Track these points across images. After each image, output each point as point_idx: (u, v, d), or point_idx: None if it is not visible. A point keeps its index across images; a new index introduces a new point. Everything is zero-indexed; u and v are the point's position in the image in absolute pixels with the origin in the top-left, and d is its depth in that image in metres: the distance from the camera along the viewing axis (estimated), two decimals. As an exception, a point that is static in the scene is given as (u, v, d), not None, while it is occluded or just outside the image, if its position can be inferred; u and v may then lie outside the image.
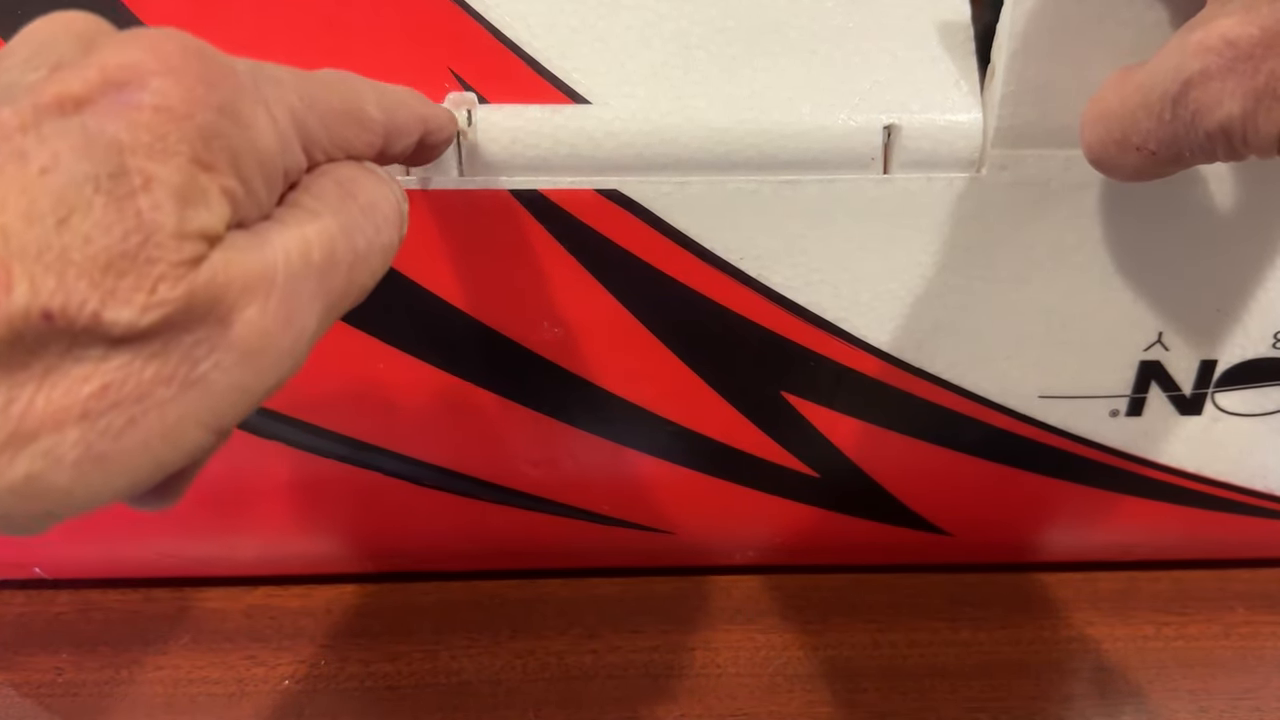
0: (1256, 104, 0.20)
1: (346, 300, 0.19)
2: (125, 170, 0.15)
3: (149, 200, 0.15)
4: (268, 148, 0.17)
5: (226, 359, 0.16)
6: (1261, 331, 0.31)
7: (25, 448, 0.14)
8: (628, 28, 0.29)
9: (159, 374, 0.15)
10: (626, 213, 0.29)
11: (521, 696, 0.33)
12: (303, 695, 0.34)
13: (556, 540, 0.35)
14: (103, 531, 0.35)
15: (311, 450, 0.32)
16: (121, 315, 0.14)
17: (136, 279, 0.15)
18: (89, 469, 0.15)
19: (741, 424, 0.32)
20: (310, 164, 0.19)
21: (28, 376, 0.14)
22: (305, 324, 0.17)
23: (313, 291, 0.18)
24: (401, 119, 0.22)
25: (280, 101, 0.18)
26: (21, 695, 0.33)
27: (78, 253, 0.14)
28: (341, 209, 0.19)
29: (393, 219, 0.20)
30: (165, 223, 0.15)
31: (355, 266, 0.19)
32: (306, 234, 0.18)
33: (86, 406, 0.15)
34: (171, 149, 0.15)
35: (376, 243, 0.20)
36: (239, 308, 0.16)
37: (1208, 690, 0.34)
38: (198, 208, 0.15)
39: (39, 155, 0.14)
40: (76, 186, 0.14)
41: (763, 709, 0.33)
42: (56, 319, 0.14)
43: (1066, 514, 0.35)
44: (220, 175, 0.16)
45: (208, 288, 0.15)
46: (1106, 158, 0.24)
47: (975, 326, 0.31)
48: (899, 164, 0.28)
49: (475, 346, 0.31)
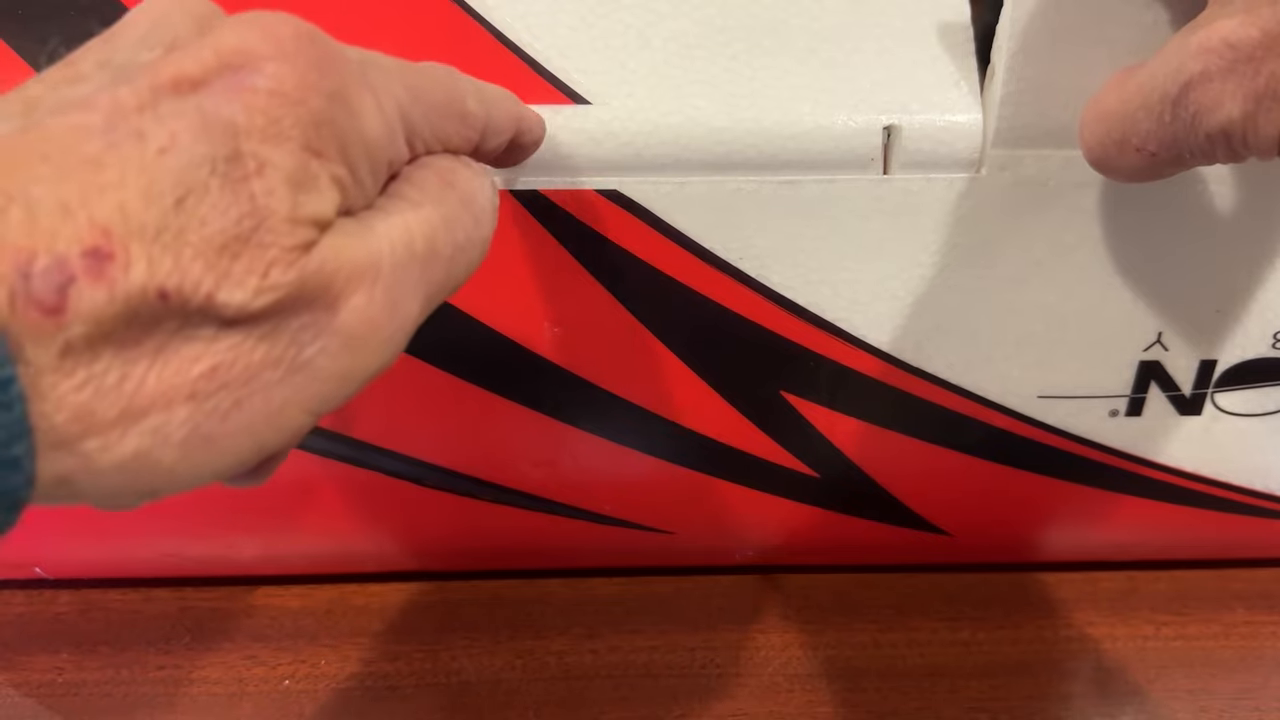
0: (1257, 106, 0.20)
1: (445, 291, 0.19)
2: (240, 154, 0.15)
3: (263, 185, 0.15)
4: (375, 136, 0.17)
5: (332, 344, 0.16)
6: (1261, 331, 0.31)
7: (135, 425, 0.14)
8: (627, 28, 0.29)
9: (267, 357, 0.15)
10: (626, 213, 0.29)
11: (521, 696, 0.33)
12: (303, 695, 0.34)
13: (556, 540, 0.35)
14: (103, 531, 0.35)
15: (311, 450, 0.32)
16: (234, 297, 0.15)
17: (250, 262, 0.15)
18: (195, 448, 0.15)
19: (741, 424, 0.32)
20: (411, 155, 0.19)
21: (140, 354, 0.14)
22: (408, 312, 0.18)
23: (415, 281, 0.18)
24: (498, 117, 0.22)
25: (387, 91, 0.18)
26: (21, 695, 0.34)
27: (194, 234, 0.14)
28: (442, 200, 0.19)
29: (489, 212, 0.20)
30: (279, 208, 0.15)
31: (455, 258, 0.19)
32: (409, 224, 0.18)
33: (196, 386, 0.15)
34: (285, 134, 0.15)
35: (476, 235, 0.20)
36: (346, 294, 0.16)
37: (1208, 690, 0.34)
38: (309, 193, 0.16)
39: (157, 135, 0.14)
40: (194, 168, 0.14)
41: (763, 709, 0.33)
42: (171, 298, 0.14)
43: (1066, 514, 0.35)
44: (330, 162, 0.16)
45: (318, 274, 0.16)
46: (1106, 158, 0.24)
47: (975, 326, 0.31)
48: (899, 164, 0.28)
49: (476, 346, 0.31)
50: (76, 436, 0.14)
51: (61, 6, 0.28)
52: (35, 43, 0.28)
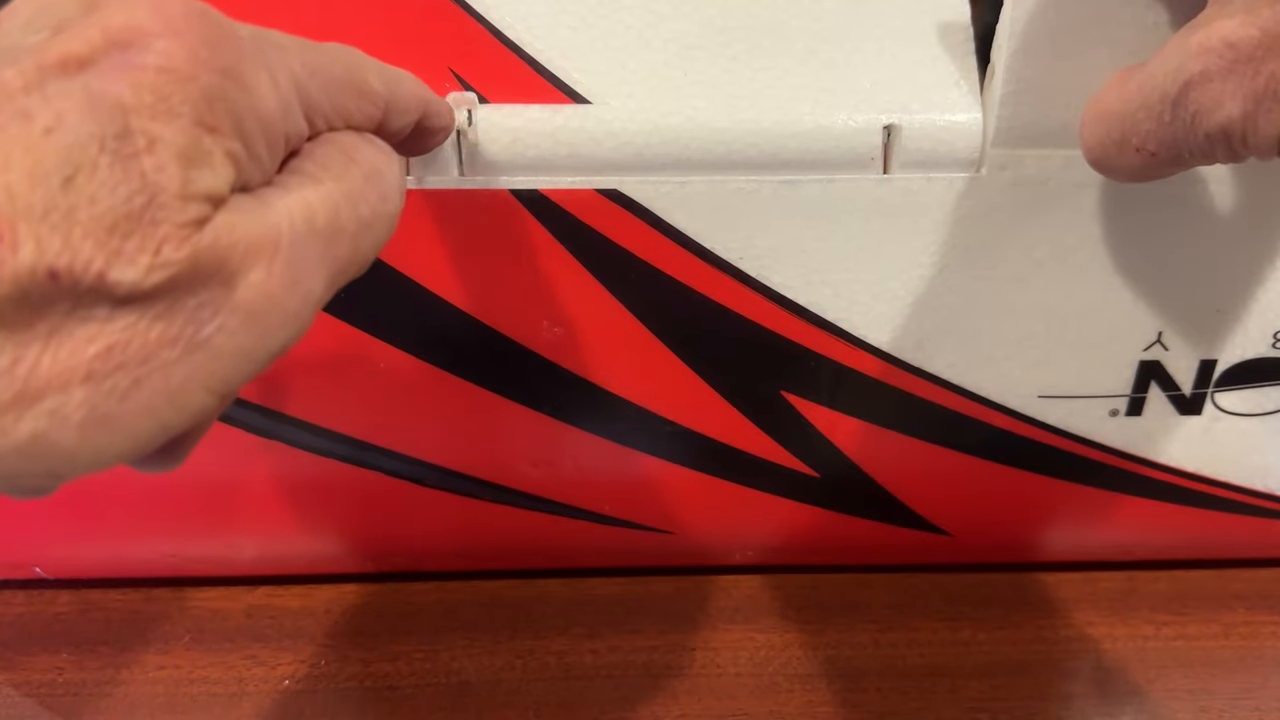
0: (1257, 106, 0.20)
1: (351, 268, 0.19)
2: (129, 131, 0.15)
3: (153, 161, 0.15)
4: (269, 111, 0.17)
5: (231, 322, 0.16)
6: (1261, 331, 0.31)
7: (31, 408, 0.14)
8: (628, 28, 0.29)
9: (163, 335, 0.15)
10: (626, 212, 0.29)
11: (521, 696, 0.33)
12: (303, 695, 0.34)
13: (556, 540, 0.35)
14: (103, 531, 0.35)
15: (311, 450, 0.32)
16: (126, 275, 0.15)
17: (141, 239, 0.15)
18: (94, 430, 0.15)
19: (741, 424, 0.32)
20: (312, 132, 0.19)
21: (33, 336, 0.14)
22: (310, 289, 0.17)
23: (317, 256, 0.18)
24: (403, 95, 0.22)
25: (283, 66, 0.18)
26: (21, 695, 0.33)
27: (83, 212, 0.14)
28: (344, 175, 0.19)
29: (396, 189, 0.20)
30: (169, 184, 0.15)
31: (359, 234, 0.19)
32: (309, 198, 0.18)
33: (91, 367, 0.15)
34: (175, 110, 0.15)
35: (382, 211, 0.19)
36: (243, 270, 0.16)
37: (1208, 690, 0.34)
38: (201, 169, 0.15)
39: (43, 115, 0.14)
40: (81, 146, 0.14)
41: (763, 709, 0.33)
42: (62, 278, 0.14)
43: (1066, 514, 0.35)
44: (223, 137, 0.16)
45: (212, 249, 0.15)
46: (1106, 158, 0.24)
47: (975, 326, 0.31)
48: (899, 164, 0.28)
49: (476, 346, 0.31)
50: None
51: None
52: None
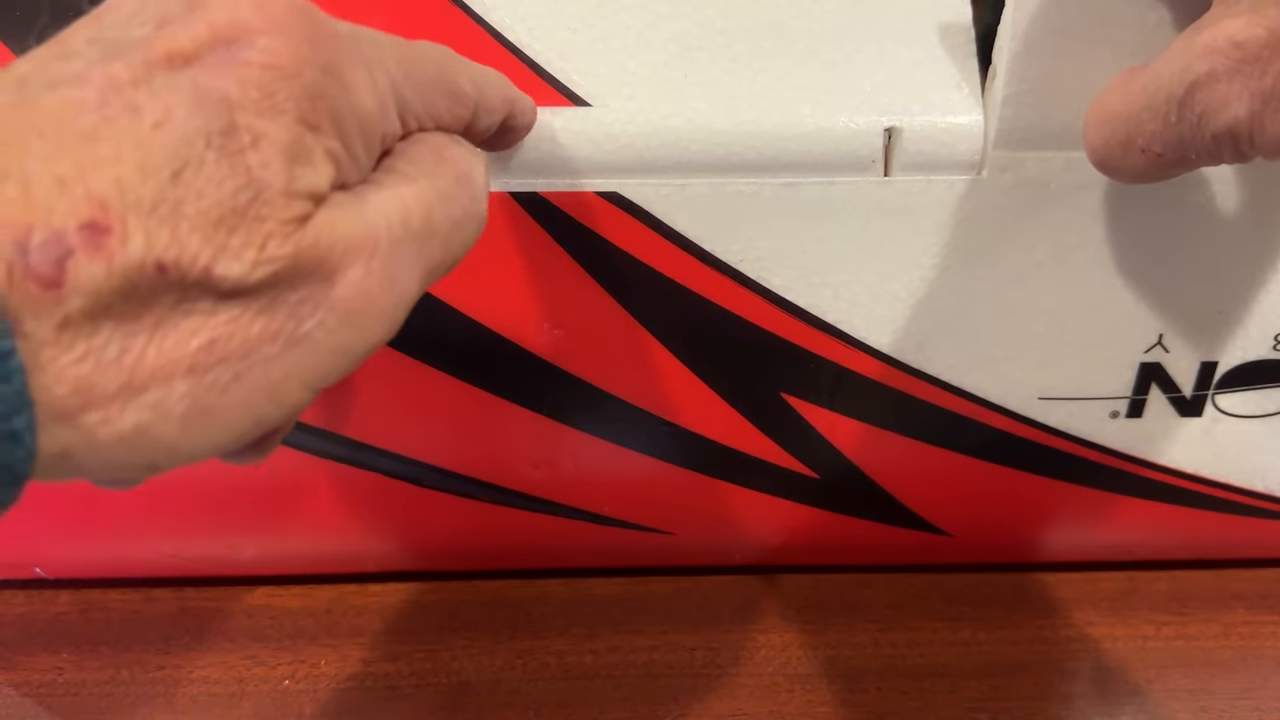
0: (1264, 106, 0.20)
1: (443, 267, 0.19)
2: (235, 126, 0.15)
3: (258, 157, 0.15)
4: (368, 110, 0.17)
5: (330, 318, 0.16)
6: (1262, 333, 0.31)
7: (135, 398, 0.14)
8: (628, 29, 0.28)
9: (265, 330, 0.15)
10: (626, 215, 0.29)
11: (521, 696, 0.33)
12: (303, 695, 0.34)
13: (556, 540, 0.35)
14: (103, 531, 0.35)
15: (312, 451, 0.32)
16: (232, 270, 0.15)
17: (247, 235, 0.15)
18: (194, 422, 0.15)
19: (741, 425, 0.32)
20: (404, 131, 0.19)
21: (139, 328, 0.14)
22: (405, 288, 0.18)
23: (413, 256, 0.18)
24: (490, 96, 0.22)
25: (380, 65, 0.18)
26: (21, 695, 0.34)
27: (190, 207, 0.14)
28: (437, 175, 0.19)
29: (484, 188, 0.20)
30: (274, 180, 0.15)
31: (451, 235, 0.19)
32: (405, 198, 0.18)
33: (195, 360, 0.15)
34: (279, 107, 0.15)
35: (473, 211, 0.20)
36: (343, 268, 0.16)
37: (1208, 690, 0.34)
38: (304, 166, 0.16)
39: (152, 109, 0.14)
40: (189, 141, 0.14)
41: (763, 709, 0.33)
42: (169, 271, 0.14)
43: (1066, 515, 0.35)
44: (324, 135, 0.16)
45: (314, 247, 0.16)
46: (1111, 160, 0.24)
47: (975, 328, 0.31)
48: (900, 166, 0.28)
49: (476, 348, 0.31)
50: (77, 410, 0.14)
51: (61, 7, 0.28)
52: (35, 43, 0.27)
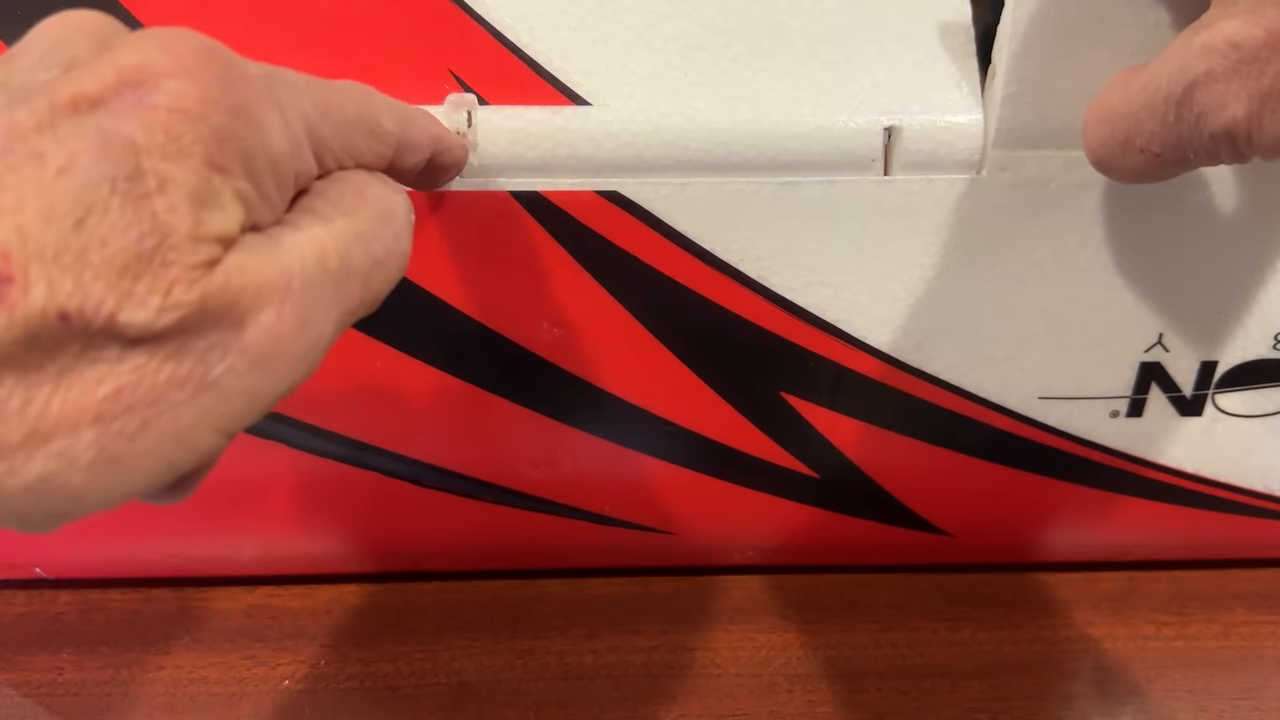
0: (1262, 106, 0.20)
1: (362, 308, 0.19)
2: (141, 171, 0.15)
3: (164, 202, 0.15)
4: (279, 150, 0.17)
5: (240, 363, 0.16)
6: (1262, 333, 0.31)
7: (41, 448, 0.14)
8: (628, 29, 0.29)
9: (173, 377, 0.15)
10: (626, 214, 0.29)
11: (521, 696, 0.33)
12: (303, 695, 0.34)
13: (556, 540, 0.35)
14: (103, 531, 0.35)
15: (311, 451, 0.32)
16: (137, 317, 0.15)
17: (152, 281, 0.15)
18: (102, 470, 0.15)
19: (741, 425, 0.32)
20: (321, 170, 0.19)
21: (44, 378, 0.14)
22: (320, 331, 0.17)
23: (329, 297, 0.18)
24: (414, 134, 0.22)
25: (293, 105, 0.18)
26: (21, 695, 0.34)
27: (95, 254, 0.14)
28: (356, 214, 0.19)
29: (406, 227, 0.20)
30: (180, 225, 0.15)
31: (371, 274, 0.19)
32: (321, 237, 0.18)
33: (101, 409, 0.15)
34: (186, 150, 0.15)
35: (394, 250, 0.19)
36: (254, 312, 0.16)
37: (1208, 690, 0.34)
38: (212, 210, 0.15)
39: (56, 156, 0.14)
40: (94, 187, 0.14)
41: (763, 709, 0.33)
42: (73, 320, 0.14)
43: (1067, 515, 0.35)
44: (233, 178, 0.16)
45: (222, 291, 0.15)
46: (1110, 159, 0.24)
47: (975, 327, 0.31)
48: (899, 165, 0.28)
49: (476, 348, 0.31)
50: None
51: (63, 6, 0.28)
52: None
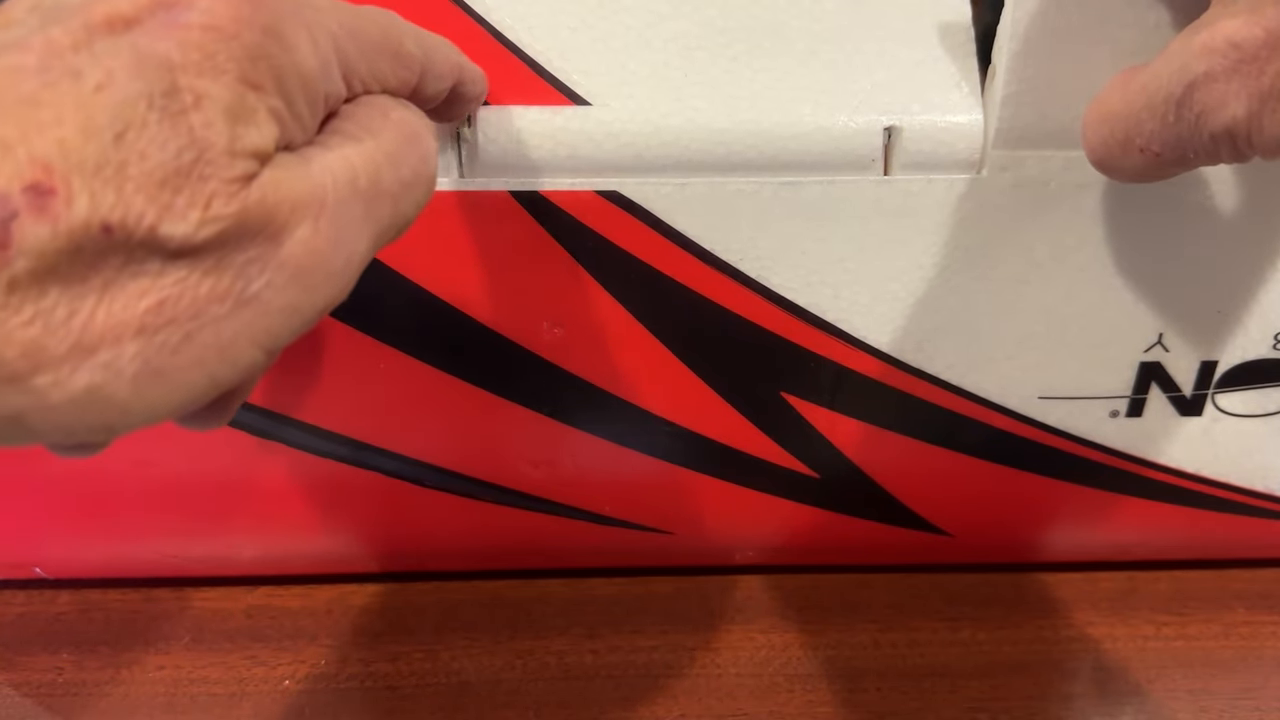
0: (1262, 106, 0.20)
1: (393, 228, 0.19)
2: (177, 88, 0.15)
3: (201, 118, 0.15)
4: (310, 70, 0.17)
5: (279, 277, 0.16)
6: (1262, 332, 0.31)
7: (86, 360, 0.15)
8: (628, 29, 0.29)
9: (214, 290, 0.16)
10: (627, 214, 0.29)
11: (521, 696, 0.33)
12: (303, 695, 0.34)
13: (556, 540, 0.35)
14: (103, 531, 0.35)
15: (312, 450, 0.32)
16: (177, 229, 0.15)
17: (191, 194, 0.15)
18: (146, 383, 0.15)
19: (741, 425, 0.32)
20: (349, 94, 0.19)
21: (87, 290, 0.14)
22: (354, 247, 0.18)
23: (361, 215, 0.18)
24: (438, 61, 0.22)
25: (321, 26, 0.18)
26: (21, 695, 0.33)
27: (134, 168, 0.15)
28: (383, 136, 0.19)
29: (433, 152, 0.20)
30: (217, 140, 0.15)
31: (400, 195, 0.19)
32: (351, 157, 0.18)
33: (144, 321, 0.15)
34: (220, 67, 0.16)
35: (422, 172, 0.20)
36: (290, 226, 0.16)
37: (1208, 690, 0.34)
38: (247, 126, 0.16)
39: (93, 73, 0.15)
40: (131, 103, 0.15)
41: (763, 709, 0.33)
42: (115, 232, 0.14)
43: (1066, 514, 0.35)
44: (266, 95, 0.16)
45: (260, 205, 0.16)
46: (1110, 159, 0.24)
47: (975, 327, 0.31)
48: (899, 165, 0.28)
49: (476, 347, 0.31)
50: (27, 372, 0.14)
51: None
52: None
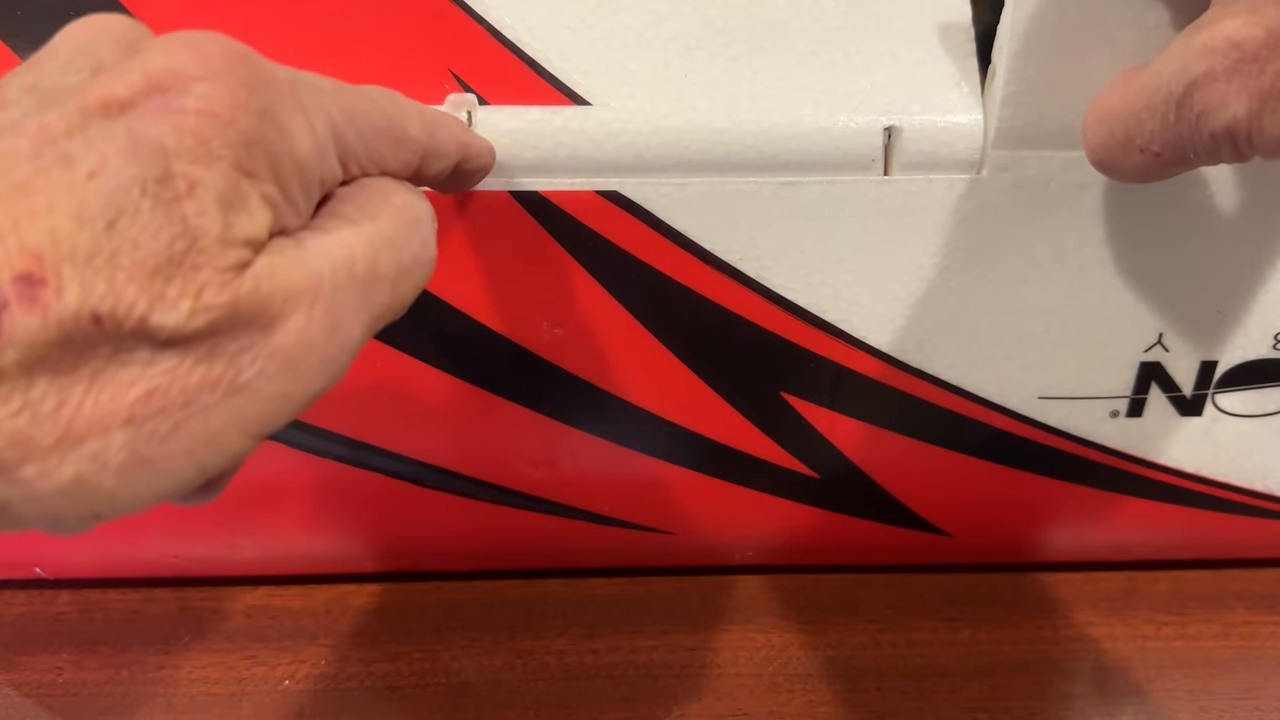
0: (1262, 105, 0.20)
1: (390, 313, 0.19)
2: (170, 174, 0.15)
3: (194, 205, 0.15)
4: (306, 155, 0.17)
5: (271, 366, 0.16)
6: (1262, 332, 0.31)
7: (73, 450, 0.14)
8: (628, 29, 0.29)
9: (204, 379, 0.15)
10: (626, 214, 0.29)
11: (521, 696, 0.33)
12: (303, 695, 0.34)
13: (556, 540, 0.35)
14: (103, 531, 0.35)
15: (312, 451, 0.32)
16: (169, 319, 0.15)
17: (183, 284, 0.15)
18: (134, 472, 0.15)
19: (741, 425, 0.32)
20: (346, 177, 0.19)
21: (76, 379, 0.14)
22: (349, 334, 0.17)
23: (357, 302, 0.18)
24: (441, 141, 0.22)
25: (319, 110, 0.18)
26: (21, 695, 0.33)
27: (126, 257, 0.14)
28: (383, 220, 0.19)
29: (432, 235, 0.20)
30: (210, 228, 0.15)
31: (399, 280, 0.19)
32: (350, 242, 0.18)
33: (133, 411, 0.15)
34: (215, 154, 0.15)
35: (422, 256, 0.19)
36: (284, 315, 0.16)
37: (1208, 690, 0.34)
38: (240, 214, 0.16)
39: (86, 159, 0.14)
40: (124, 190, 0.14)
41: (763, 709, 0.33)
42: (105, 322, 0.14)
43: (1066, 515, 0.35)
44: (261, 181, 0.16)
45: (253, 294, 0.15)
46: (1110, 159, 0.24)
47: (975, 327, 0.31)
48: (899, 165, 0.28)
49: (475, 348, 0.31)
50: (14, 463, 0.14)
51: (62, 6, 0.28)
52: (35, 43, 0.27)
